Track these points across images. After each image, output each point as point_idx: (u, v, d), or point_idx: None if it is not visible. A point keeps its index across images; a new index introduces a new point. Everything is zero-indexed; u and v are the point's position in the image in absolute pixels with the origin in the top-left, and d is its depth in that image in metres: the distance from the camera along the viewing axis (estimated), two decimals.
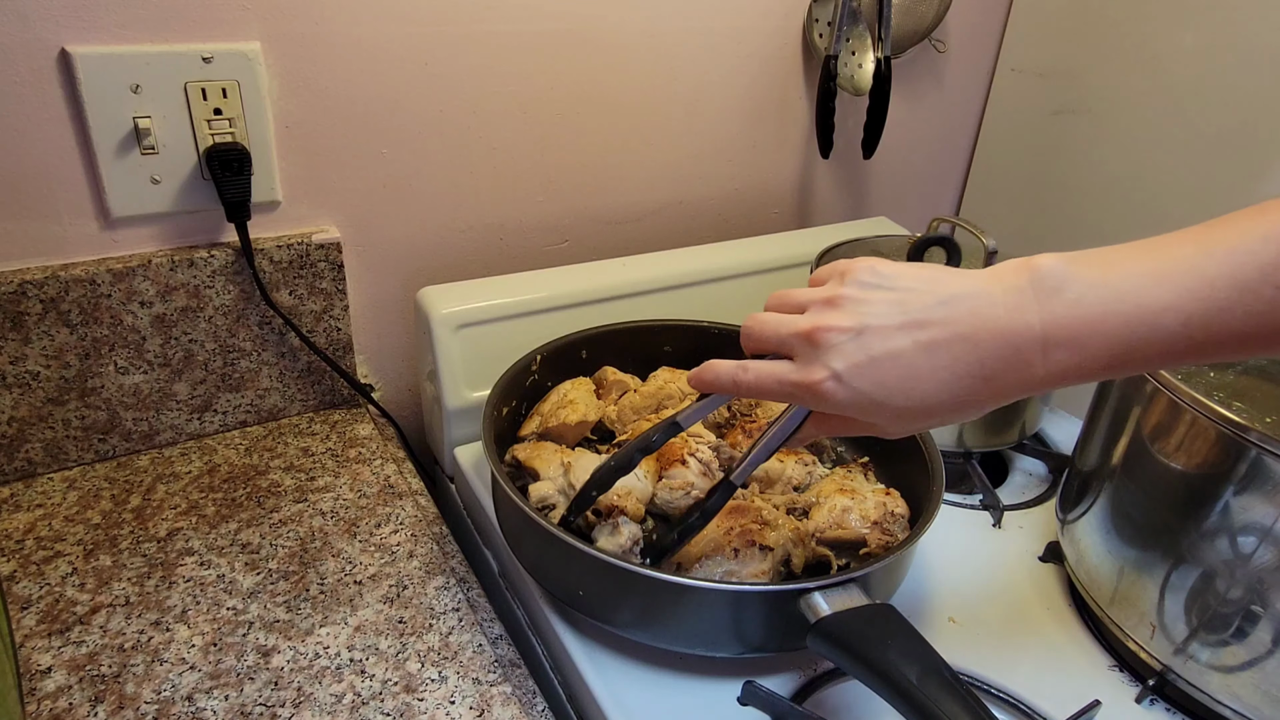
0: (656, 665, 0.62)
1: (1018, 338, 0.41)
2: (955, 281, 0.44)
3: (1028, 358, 0.41)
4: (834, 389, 0.44)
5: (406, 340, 0.94)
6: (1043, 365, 0.41)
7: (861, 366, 0.44)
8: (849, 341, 0.44)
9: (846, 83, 1.02)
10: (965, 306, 0.42)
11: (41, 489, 0.75)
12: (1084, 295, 0.40)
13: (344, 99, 0.80)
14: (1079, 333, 0.40)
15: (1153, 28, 1.02)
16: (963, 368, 0.42)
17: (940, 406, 0.44)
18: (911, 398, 0.43)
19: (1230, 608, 0.55)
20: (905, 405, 0.44)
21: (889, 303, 0.44)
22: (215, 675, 0.59)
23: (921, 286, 0.44)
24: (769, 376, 0.48)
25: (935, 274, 0.45)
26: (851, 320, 0.44)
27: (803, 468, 0.73)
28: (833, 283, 0.47)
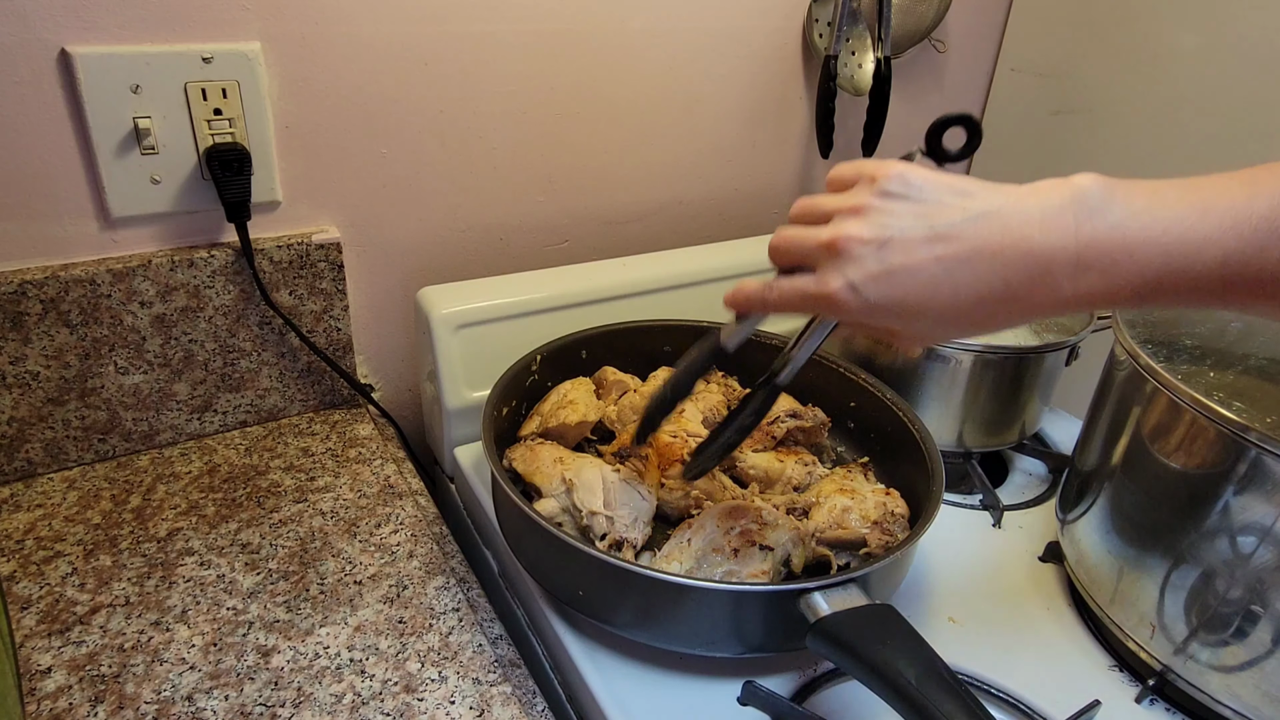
0: (656, 665, 0.62)
1: (1049, 257, 0.40)
2: (988, 196, 0.43)
3: (1056, 279, 0.40)
4: (849, 299, 0.44)
5: (406, 340, 0.94)
6: (1071, 287, 0.40)
7: (878, 278, 0.43)
8: (870, 253, 0.43)
9: (846, 83, 1.02)
10: (997, 223, 0.41)
11: (41, 489, 0.75)
12: (1124, 221, 0.39)
13: (344, 99, 0.80)
14: (1115, 257, 0.39)
15: (1153, 28, 1.02)
16: (985, 286, 0.41)
17: (958, 322, 0.43)
18: (929, 311, 0.43)
19: (1230, 608, 0.55)
20: (922, 318, 0.44)
21: (916, 215, 0.43)
22: (215, 675, 0.59)
23: (951, 200, 0.43)
24: (792, 291, 0.48)
25: (967, 186, 0.44)
26: (874, 231, 0.44)
27: (803, 468, 0.73)
28: (859, 188, 0.46)
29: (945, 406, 0.80)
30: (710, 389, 0.81)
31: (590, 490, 0.66)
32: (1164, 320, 0.63)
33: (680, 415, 0.75)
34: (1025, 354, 0.78)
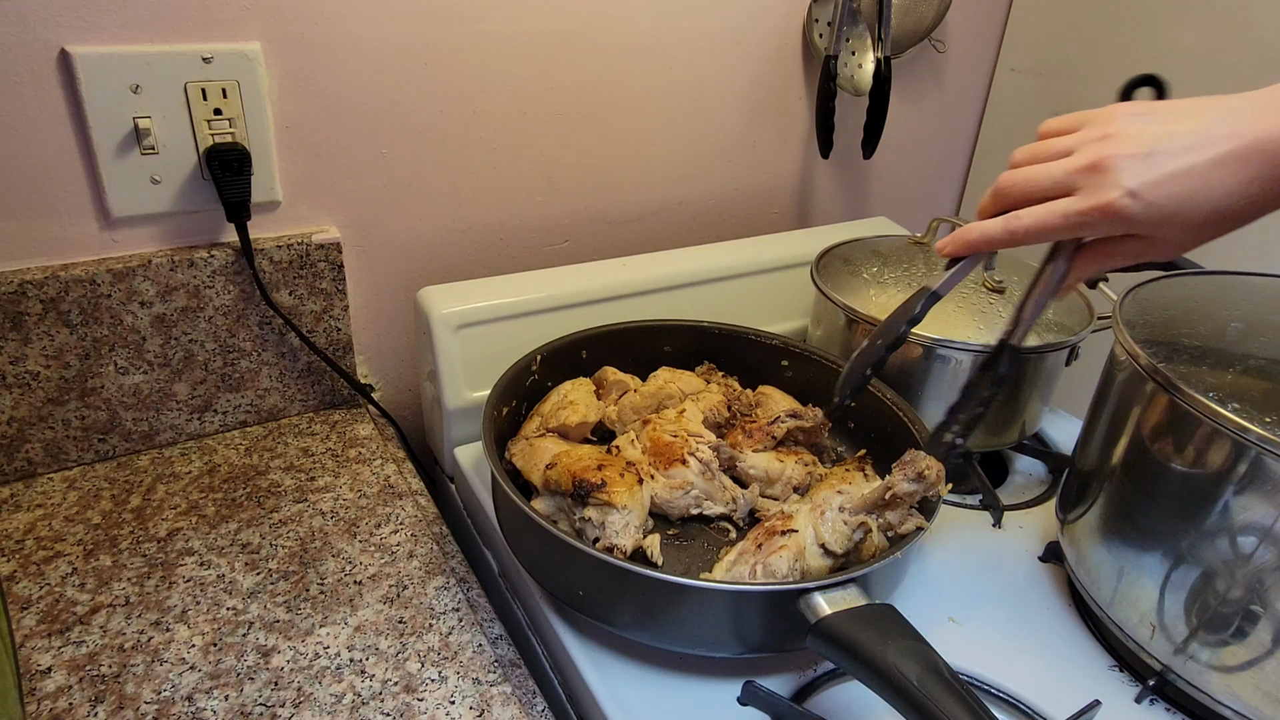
0: (656, 665, 0.62)
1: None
2: (1228, 103, 0.46)
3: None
4: (1129, 204, 0.46)
5: (406, 340, 0.94)
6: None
7: (1157, 183, 0.45)
8: (1139, 163, 0.46)
9: (846, 83, 1.02)
10: (1250, 117, 0.44)
11: (41, 489, 0.75)
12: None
13: (344, 99, 0.80)
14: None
15: (1153, 28, 1.02)
16: (1255, 170, 0.44)
17: (1233, 212, 0.46)
18: (1205, 207, 0.45)
19: (1230, 608, 0.55)
20: (1201, 215, 0.46)
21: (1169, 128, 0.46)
22: (215, 675, 0.59)
23: (1198, 110, 0.46)
24: (1051, 213, 0.48)
25: (1202, 101, 0.47)
26: (1137, 146, 0.46)
27: (803, 468, 0.73)
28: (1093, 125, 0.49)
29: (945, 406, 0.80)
30: (710, 389, 0.81)
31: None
32: (1164, 320, 0.63)
33: (681, 415, 0.75)
34: (1025, 354, 0.78)
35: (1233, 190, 0.45)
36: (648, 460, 0.70)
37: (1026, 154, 0.52)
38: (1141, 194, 0.46)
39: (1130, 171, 0.46)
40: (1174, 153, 0.45)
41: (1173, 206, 0.45)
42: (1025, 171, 0.51)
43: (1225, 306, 0.65)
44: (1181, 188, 0.45)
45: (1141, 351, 0.59)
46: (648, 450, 0.71)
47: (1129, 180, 0.46)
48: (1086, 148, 0.48)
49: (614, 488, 0.64)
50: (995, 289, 0.83)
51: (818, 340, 0.89)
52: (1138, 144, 0.46)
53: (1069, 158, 0.48)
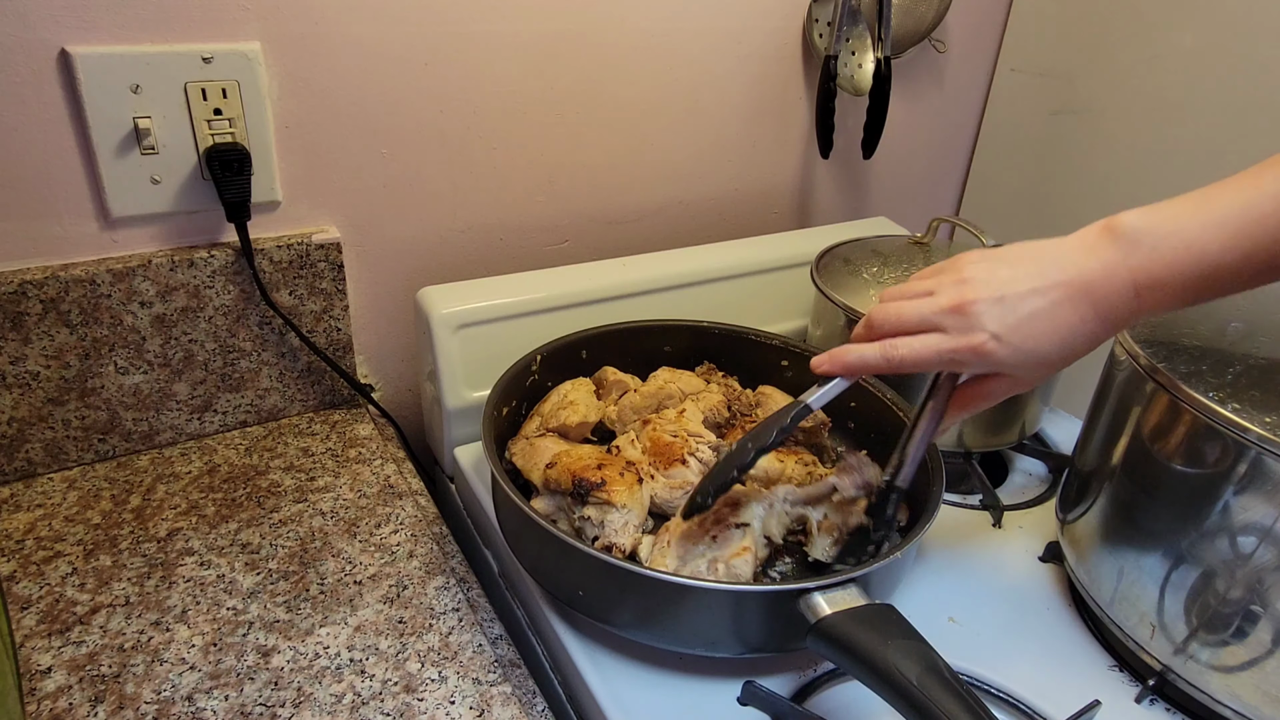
0: (656, 665, 0.62)
1: (1115, 280, 0.49)
2: (1052, 250, 0.52)
3: (1127, 300, 0.50)
4: (995, 347, 0.51)
5: (406, 340, 0.94)
6: (1137, 303, 0.50)
7: (1015, 326, 0.51)
8: (994, 307, 0.52)
9: (846, 83, 1.02)
10: (1072, 271, 0.50)
11: (41, 489, 0.75)
12: (1158, 245, 0.48)
13: (344, 99, 0.80)
14: (1160, 277, 0.49)
15: (1153, 28, 1.02)
16: (1087, 312, 0.50)
17: (1076, 349, 0.52)
18: (1055, 343, 0.51)
19: (1230, 608, 0.55)
20: (1054, 352, 0.52)
21: (1011, 275, 0.52)
22: (215, 675, 0.59)
23: (1029, 258, 0.52)
24: (925, 346, 0.54)
25: (1031, 248, 0.53)
26: (989, 291, 0.52)
27: (803, 468, 0.73)
28: (948, 271, 0.55)
29: None
30: (710, 389, 0.81)
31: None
32: (1164, 320, 0.63)
33: (681, 415, 0.75)
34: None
35: (1074, 327, 0.51)
36: (648, 460, 0.70)
37: (894, 292, 0.58)
38: (1003, 337, 0.51)
39: (989, 315, 0.52)
40: (1021, 296, 0.51)
41: (1030, 346, 0.51)
42: (895, 307, 0.56)
43: (1225, 306, 0.65)
44: (1034, 329, 0.51)
45: (1141, 351, 0.59)
46: (648, 450, 0.71)
47: (990, 324, 0.51)
48: (946, 290, 0.54)
49: (614, 487, 0.64)
50: None
51: (818, 340, 0.89)
52: (988, 288, 0.52)
53: (932, 298, 0.54)
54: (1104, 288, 0.50)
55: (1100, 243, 0.50)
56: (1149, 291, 0.49)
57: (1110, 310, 0.50)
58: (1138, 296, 0.49)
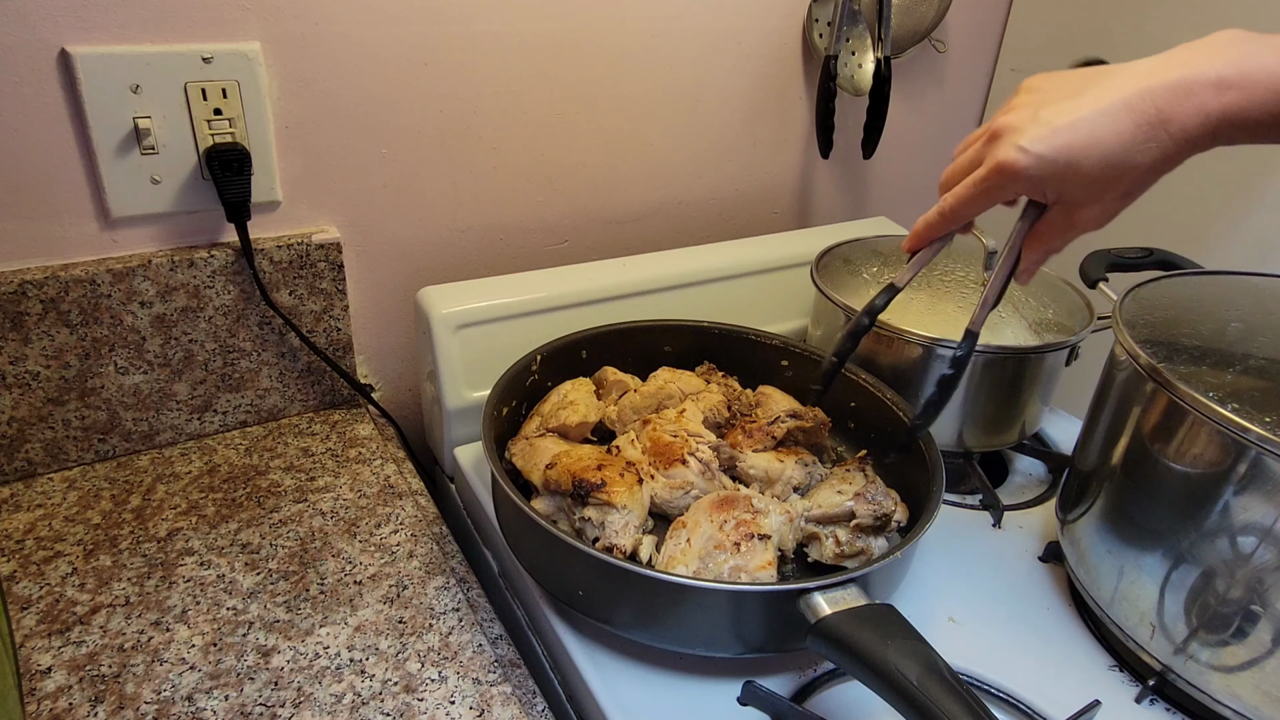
0: (656, 665, 0.62)
1: (1192, 79, 0.45)
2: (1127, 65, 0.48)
3: (1201, 97, 0.45)
4: (1020, 158, 0.48)
5: (406, 340, 0.94)
6: (1216, 102, 0.45)
7: (1043, 137, 0.48)
8: (1028, 123, 0.48)
9: (846, 83, 1.02)
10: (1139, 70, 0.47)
11: (41, 489, 0.75)
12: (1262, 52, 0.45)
13: (344, 99, 0.80)
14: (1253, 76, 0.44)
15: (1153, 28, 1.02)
16: (1139, 115, 0.46)
17: (1127, 162, 0.47)
18: (1096, 156, 0.47)
19: (1230, 608, 0.55)
20: (1095, 166, 0.47)
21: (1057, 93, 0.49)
22: (215, 675, 0.59)
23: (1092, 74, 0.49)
24: (965, 187, 0.52)
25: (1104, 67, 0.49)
26: (1027, 111, 0.49)
27: (803, 468, 0.73)
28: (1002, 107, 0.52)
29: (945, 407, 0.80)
30: (710, 389, 0.81)
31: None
32: (1164, 320, 0.63)
33: (681, 415, 0.75)
34: (1025, 354, 0.78)
35: (1121, 136, 0.46)
36: (648, 460, 0.70)
37: (960, 147, 0.56)
38: (1030, 148, 0.48)
39: (1020, 131, 0.49)
40: (1059, 111, 0.48)
41: (1063, 158, 0.48)
42: (956, 162, 0.55)
43: (1225, 306, 0.65)
44: (1067, 139, 0.47)
45: (1141, 351, 0.59)
46: (648, 450, 0.71)
47: (1018, 138, 0.48)
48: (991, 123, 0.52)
49: (614, 488, 0.64)
50: None
51: (818, 340, 0.89)
52: (1026, 110, 0.49)
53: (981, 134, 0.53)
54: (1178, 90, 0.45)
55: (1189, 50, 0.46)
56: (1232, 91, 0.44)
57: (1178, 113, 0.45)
58: (1220, 92, 0.44)
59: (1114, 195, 0.49)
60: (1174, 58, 0.46)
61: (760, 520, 0.63)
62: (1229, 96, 0.44)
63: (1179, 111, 0.45)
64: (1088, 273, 0.82)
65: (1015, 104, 0.51)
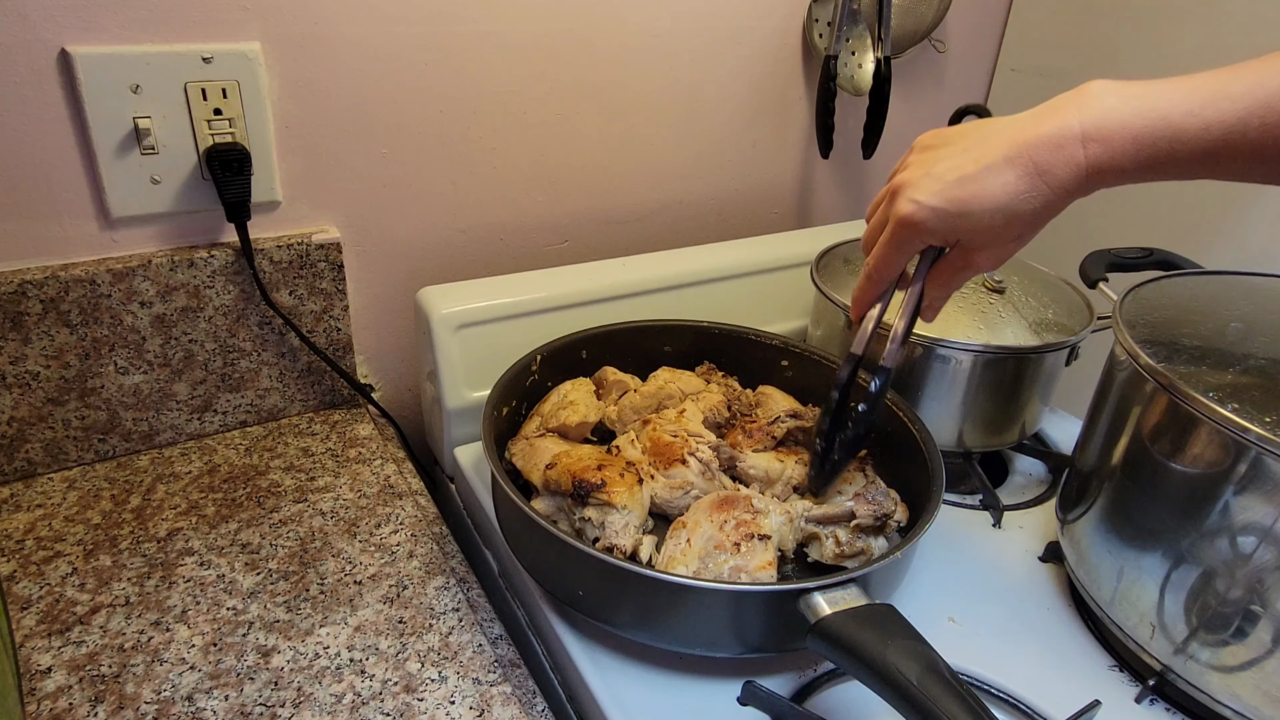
0: (656, 665, 0.62)
1: (1060, 135, 0.49)
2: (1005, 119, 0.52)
3: (1070, 150, 0.49)
4: (916, 210, 0.53)
5: (406, 340, 0.94)
6: (1084, 154, 0.48)
7: (936, 192, 0.52)
8: (921, 180, 0.53)
9: (846, 83, 1.02)
10: (1015, 126, 0.51)
11: (41, 489, 0.75)
12: (1118, 105, 0.48)
13: (344, 99, 0.80)
14: (1110, 131, 0.48)
15: (1153, 28, 1.02)
16: (1020, 168, 0.50)
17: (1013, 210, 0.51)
18: (986, 206, 0.51)
19: (1230, 608, 0.55)
20: (985, 214, 0.51)
21: (949, 151, 0.53)
22: (215, 675, 0.59)
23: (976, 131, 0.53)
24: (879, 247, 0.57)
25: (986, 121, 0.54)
26: (916, 170, 0.54)
27: (803, 468, 0.73)
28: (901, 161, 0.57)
29: (945, 406, 0.80)
30: (710, 389, 0.81)
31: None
32: (1164, 320, 0.63)
33: (681, 415, 0.75)
34: (1025, 354, 0.78)
35: (1006, 188, 0.50)
36: (648, 460, 0.70)
37: (870, 208, 0.60)
38: (925, 202, 0.52)
39: (915, 187, 0.53)
40: (950, 168, 0.52)
41: (955, 209, 0.52)
42: (869, 225, 0.59)
43: (1225, 306, 0.65)
44: (957, 193, 0.51)
45: (1141, 351, 0.59)
46: (648, 450, 0.71)
47: (914, 193, 0.53)
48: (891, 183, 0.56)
49: (614, 488, 0.64)
50: (995, 289, 0.83)
51: (818, 340, 0.89)
52: (918, 168, 0.54)
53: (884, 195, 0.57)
54: (1049, 143, 0.49)
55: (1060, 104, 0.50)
56: (1095, 144, 0.48)
57: (1052, 166, 0.49)
58: (1085, 145, 0.48)
59: (1005, 240, 0.53)
60: (1047, 111, 0.50)
61: (760, 520, 0.63)
62: (1093, 149, 0.48)
63: (1053, 164, 0.49)
64: (1088, 273, 0.82)
65: (910, 162, 0.55)
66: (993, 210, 0.51)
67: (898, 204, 0.54)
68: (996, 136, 0.51)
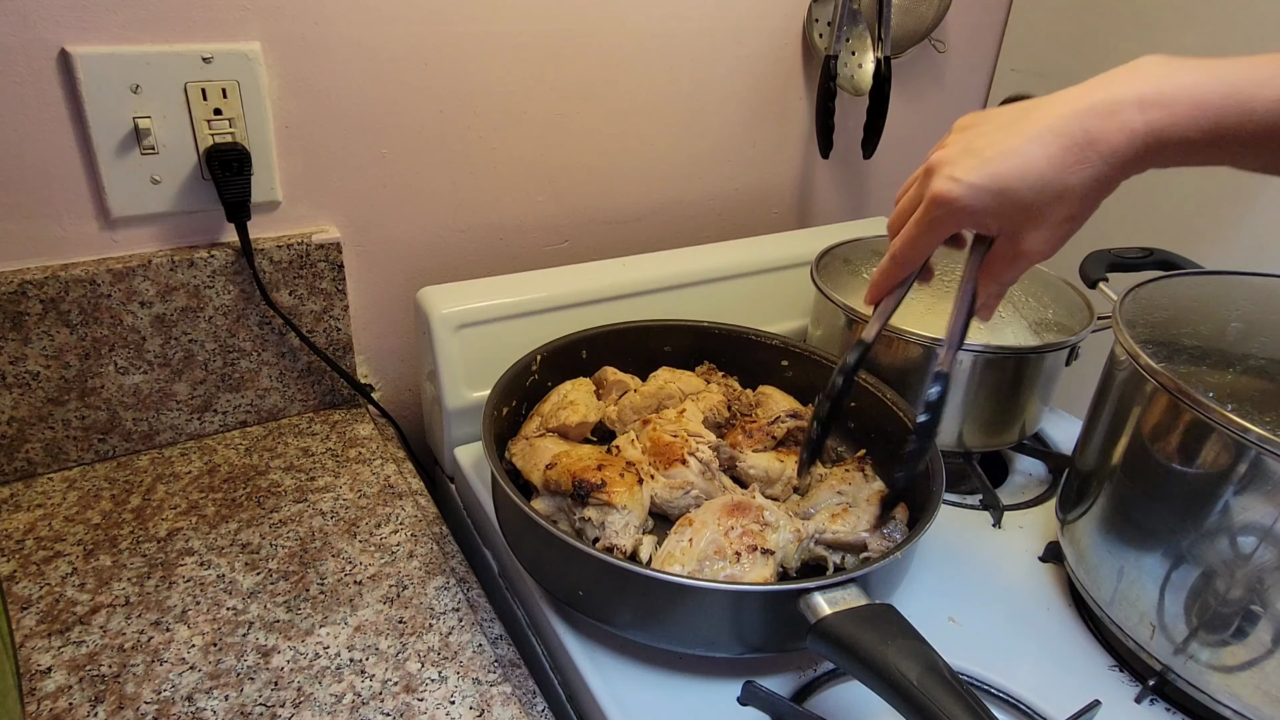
0: (656, 665, 0.62)
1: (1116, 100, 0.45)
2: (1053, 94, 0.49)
3: (1124, 115, 0.45)
4: (954, 188, 0.49)
5: (406, 340, 0.94)
6: (1141, 119, 0.45)
7: (974, 168, 0.48)
8: (960, 157, 0.49)
9: (846, 83, 1.02)
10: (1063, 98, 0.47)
11: (41, 489, 0.75)
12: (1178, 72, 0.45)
13: (344, 99, 0.80)
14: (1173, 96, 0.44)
15: (1153, 28, 1.02)
16: (1067, 137, 0.46)
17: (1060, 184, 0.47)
18: (1029, 180, 0.47)
19: (1230, 608, 0.55)
20: (1029, 190, 0.47)
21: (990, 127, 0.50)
22: (215, 675, 0.59)
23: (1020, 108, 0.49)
24: (908, 228, 0.53)
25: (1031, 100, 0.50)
26: (956, 147, 0.50)
27: None
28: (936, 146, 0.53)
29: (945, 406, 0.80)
30: (710, 389, 0.81)
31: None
32: (1164, 320, 0.63)
33: (681, 415, 0.75)
34: (1025, 354, 0.78)
35: (1051, 160, 0.47)
36: (648, 460, 0.70)
37: (900, 190, 0.57)
38: (962, 178, 0.48)
39: (952, 164, 0.50)
40: (990, 142, 0.49)
41: (996, 185, 0.48)
42: (899, 205, 0.55)
43: (1225, 306, 0.65)
44: (998, 168, 0.48)
45: (1141, 351, 0.59)
46: (648, 450, 0.71)
47: (951, 170, 0.49)
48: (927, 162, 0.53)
49: (614, 488, 0.64)
50: None
51: (818, 340, 0.89)
52: (957, 146, 0.50)
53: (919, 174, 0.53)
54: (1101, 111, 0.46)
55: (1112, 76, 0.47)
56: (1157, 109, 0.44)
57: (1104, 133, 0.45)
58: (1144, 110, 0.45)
59: (1056, 220, 0.49)
60: (1098, 82, 0.47)
61: (767, 534, 0.62)
62: (1153, 114, 0.45)
63: (1105, 131, 0.46)
64: (1088, 273, 0.82)
65: (949, 141, 0.52)
66: (1037, 185, 0.47)
67: (934, 181, 0.50)
68: (1044, 108, 0.48)
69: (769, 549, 0.61)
